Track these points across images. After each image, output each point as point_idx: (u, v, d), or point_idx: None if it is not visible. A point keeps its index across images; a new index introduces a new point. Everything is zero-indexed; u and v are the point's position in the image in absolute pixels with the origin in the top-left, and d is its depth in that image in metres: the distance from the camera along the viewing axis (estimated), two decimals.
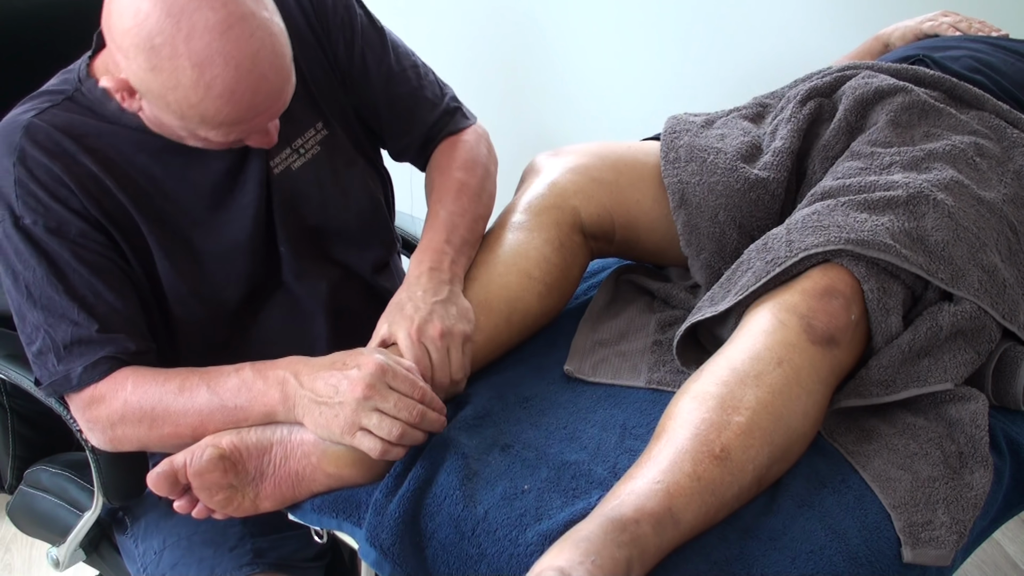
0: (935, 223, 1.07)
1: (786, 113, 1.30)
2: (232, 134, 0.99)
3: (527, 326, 1.18)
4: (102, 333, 1.02)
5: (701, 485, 0.87)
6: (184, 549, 1.14)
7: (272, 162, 1.15)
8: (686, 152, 1.25)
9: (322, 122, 1.19)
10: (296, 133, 1.16)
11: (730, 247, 1.22)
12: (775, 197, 1.22)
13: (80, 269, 1.03)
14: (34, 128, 1.04)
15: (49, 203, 1.03)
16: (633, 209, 1.26)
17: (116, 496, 1.12)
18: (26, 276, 1.03)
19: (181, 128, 0.99)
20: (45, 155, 1.03)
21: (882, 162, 1.17)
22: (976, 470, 0.97)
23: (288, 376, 0.97)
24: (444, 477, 0.97)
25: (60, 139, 1.04)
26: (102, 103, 1.07)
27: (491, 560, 0.89)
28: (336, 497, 0.99)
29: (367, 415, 0.94)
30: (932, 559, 0.91)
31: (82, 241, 1.04)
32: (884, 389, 1.01)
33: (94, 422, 1.04)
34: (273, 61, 0.96)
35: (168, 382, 1.01)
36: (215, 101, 0.94)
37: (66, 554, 1.20)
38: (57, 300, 1.02)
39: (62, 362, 1.02)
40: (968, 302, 1.04)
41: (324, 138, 1.19)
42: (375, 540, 0.93)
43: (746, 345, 0.99)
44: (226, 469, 0.96)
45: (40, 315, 1.02)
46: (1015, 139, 1.25)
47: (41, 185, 1.03)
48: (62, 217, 1.03)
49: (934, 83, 1.32)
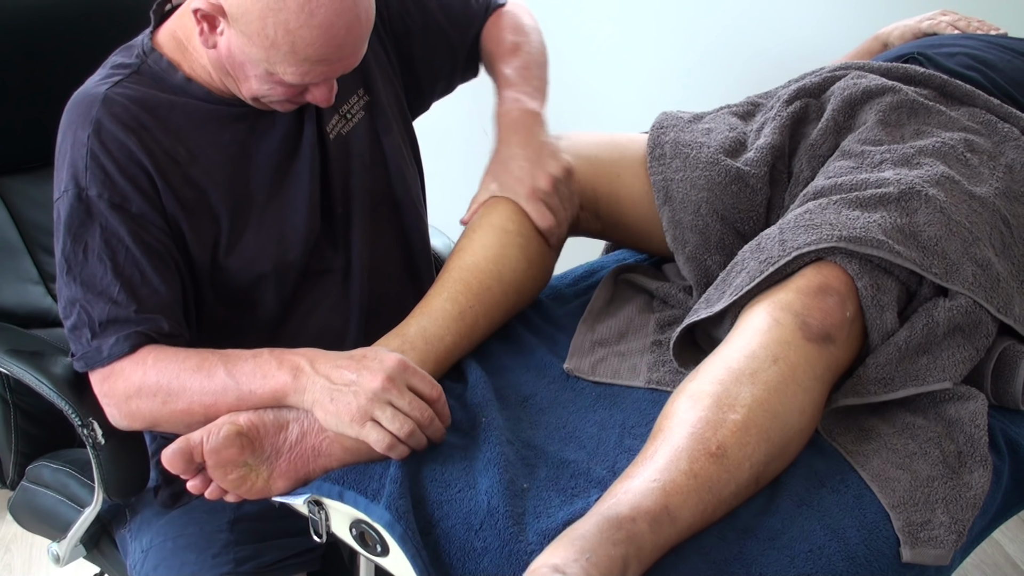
0: (927, 218, 1.07)
1: (772, 112, 1.32)
2: (308, 75, 1.02)
3: (519, 284, 1.18)
4: (140, 314, 1.03)
5: (698, 483, 0.87)
6: (168, 551, 1.14)
7: (327, 128, 1.18)
8: (671, 148, 1.27)
9: (363, 87, 1.23)
10: (343, 99, 1.20)
11: (713, 239, 1.22)
12: (755, 191, 1.23)
13: (132, 248, 1.04)
14: (111, 101, 1.06)
15: (117, 178, 1.04)
16: (615, 183, 1.28)
17: (117, 492, 1.13)
18: (73, 250, 1.03)
19: (262, 61, 1.01)
20: (121, 129, 1.04)
21: (873, 160, 1.18)
22: (975, 469, 0.97)
23: (304, 363, 0.98)
24: (454, 470, 0.97)
25: (136, 112, 1.06)
26: (169, 74, 1.10)
27: (494, 555, 0.89)
28: (347, 469, 0.99)
29: (381, 407, 0.94)
30: (931, 559, 0.91)
31: (141, 221, 1.05)
32: (882, 387, 1.01)
33: (110, 395, 1.04)
34: (367, 8, 1.03)
35: (187, 360, 1.02)
36: (312, 31, 0.97)
37: (67, 550, 1.20)
38: (100, 276, 1.03)
39: (96, 338, 1.03)
40: (963, 296, 1.04)
41: (366, 103, 1.23)
42: (391, 504, 0.92)
43: (742, 344, 0.99)
44: (243, 446, 0.97)
45: (78, 290, 1.03)
46: (1006, 134, 1.25)
47: (113, 159, 1.04)
48: (127, 194, 1.04)
49: (924, 81, 1.32)
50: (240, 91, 1.08)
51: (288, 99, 1.08)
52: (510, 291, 1.17)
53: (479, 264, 1.15)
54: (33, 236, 1.36)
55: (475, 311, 1.12)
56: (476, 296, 1.13)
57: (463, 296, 1.12)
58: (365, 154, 1.23)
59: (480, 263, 1.15)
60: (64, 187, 1.05)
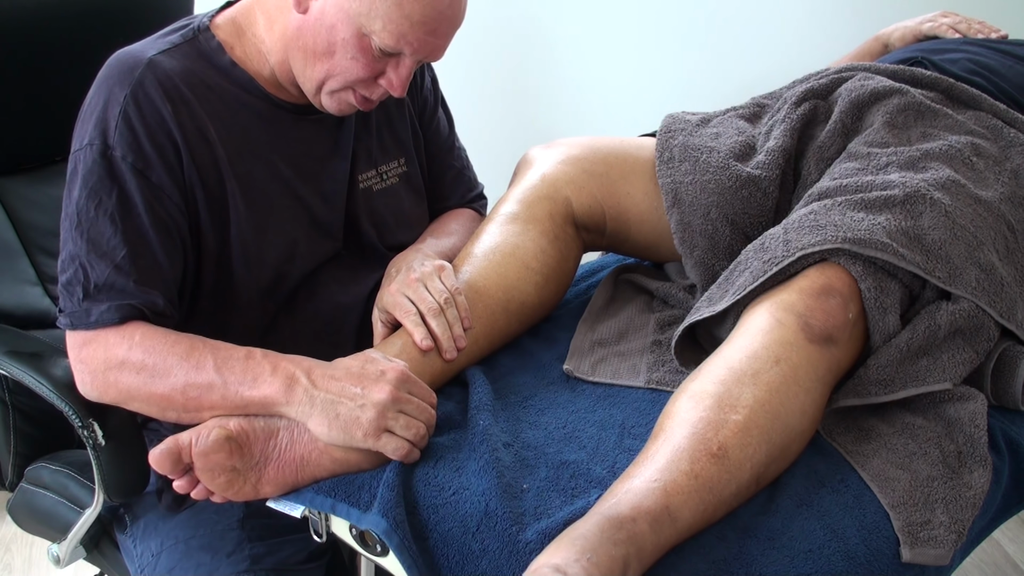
0: (932, 222, 1.07)
1: (781, 114, 1.31)
2: (403, 40, 1.03)
3: (524, 316, 1.20)
4: (138, 285, 1.03)
5: (699, 483, 0.87)
6: (181, 553, 1.13)
7: (359, 176, 1.21)
8: (680, 151, 1.26)
9: (405, 158, 1.26)
10: (385, 159, 1.24)
11: (723, 243, 1.22)
12: (767, 195, 1.23)
13: (144, 216, 1.03)
14: (156, 65, 1.05)
15: (145, 144, 1.03)
16: (624, 201, 1.28)
17: (117, 493, 1.12)
18: (80, 203, 1.03)
19: (361, 15, 1.02)
20: (160, 95, 1.04)
21: (879, 162, 1.17)
22: (975, 469, 0.97)
23: (299, 374, 0.98)
24: (447, 473, 0.97)
25: (177, 84, 1.06)
26: (216, 55, 1.10)
27: (492, 556, 0.89)
28: (337, 481, 0.99)
29: (394, 417, 0.96)
30: (931, 558, 0.91)
31: (158, 193, 1.04)
32: (883, 388, 1.01)
33: (88, 362, 1.03)
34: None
35: (177, 344, 1.01)
36: None
37: (67, 551, 1.20)
38: (107, 237, 1.02)
39: (87, 299, 1.02)
40: (966, 301, 1.04)
41: (403, 173, 1.26)
42: (387, 511, 0.92)
43: (744, 344, 0.99)
44: (231, 451, 0.96)
45: (83, 246, 1.02)
46: (1012, 138, 1.25)
47: (145, 124, 1.03)
48: (151, 161, 1.04)
49: (931, 84, 1.32)
50: (305, 77, 1.08)
51: (361, 80, 1.07)
52: (514, 320, 1.19)
53: (488, 290, 1.16)
54: (31, 237, 1.35)
55: (475, 332, 1.13)
56: (480, 319, 1.14)
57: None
58: (393, 218, 1.25)
59: (490, 289, 1.16)
60: (89, 139, 1.03)
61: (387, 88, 1.09)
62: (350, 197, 1.20)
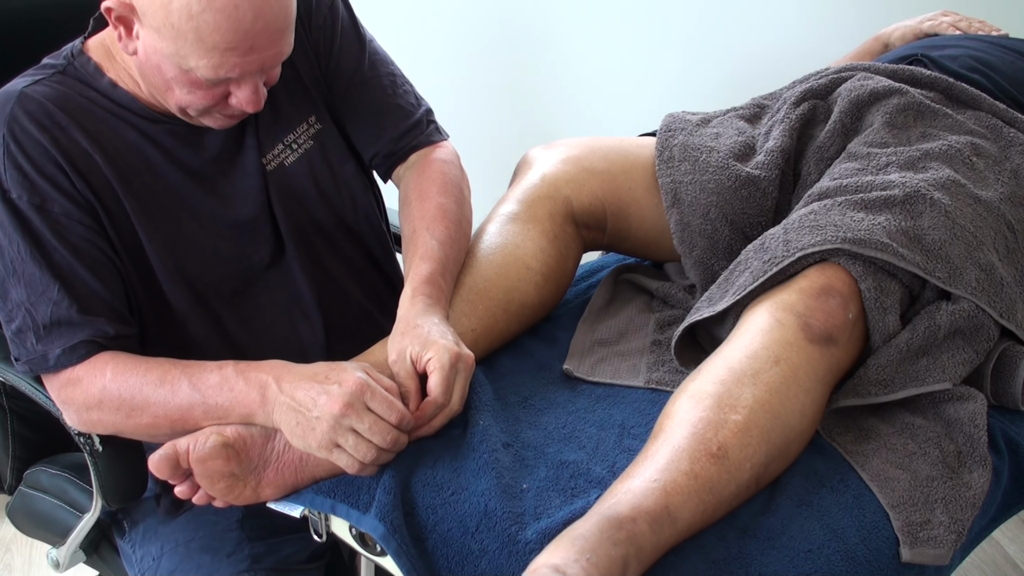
0: (932, 222, 1.07)
1: (780, 114, 1.31)
2: (221, 68, 0.98)
3: (524, 316, 1.19)
4: (82, 315, 1.02)
5: (699, 483, 0.87)
6: (182, 555, 1.13)
7: (264, 158, 1.15)
8: (680, 151, 1.27)
9: (315, 115, 1.19)
10: (288, 128, 1.17)
11: (722, 243, 1.23)
12: (767, 195, 1.23)
13: (60, 248, 1.02)
14: (27, 99, 1.04)
15: (35, 178, 1.02)
16: (624, 197, 1.28)
17: (115, 499, 1.12)
18: (10, 251, 1.02)
19: (173, 56, 0.98)
20: (36, 127, 1.03)
21: (879, 162, 1.17)
22: (975, 469, 0.97)
23: (270, 380, 0.97)
24: (446, 473, 0.97)
25: (52, 111, 1.04)
26: (95, 78, 1.08)
27: (492, 556, 0.89)
28: (337, 481, 0.99)
29: (343, 434, 0.93)
30: (930, 558, 0.91)
31: (64, 221, 1.03)
32: (882, 389, 1.01)
33: (68, 403, 1.04)
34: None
35: (148, 372, 1.00)
36: (216, 14, 0.94)
37: (66, 555, 1.20)
38: (39, 277, 1.02)
39: (40, 342, 1.02)
40: (966, 301, 1.04)
41: (317, 132, 1.20)
42: (384, 515, 0.92)
43: (743, 344, 0.99)
44: (229, 457, 0.96)
45: (23, 292, 1.02)
46: (1012, 138, 1.25)
47: (29, 159, 1.02)
48: (46, 193, 1.02)
49: (930, 83, 1.32)
50: (169, 104, 1.06)
51: (212, 105, 1.04)
52: (514, 320, 1.18)
53: (489, 292, 1.15)
54: None
55: (476, 333, 1.13)
56: (480, 320, 1.14)
57: (467, 318, 1.13)
58: (314, 185, 1.19)
59: (491, 290, 1.15)
60: None
61: (241, 108, 1.04)
62: (265, 183, 1.15)
